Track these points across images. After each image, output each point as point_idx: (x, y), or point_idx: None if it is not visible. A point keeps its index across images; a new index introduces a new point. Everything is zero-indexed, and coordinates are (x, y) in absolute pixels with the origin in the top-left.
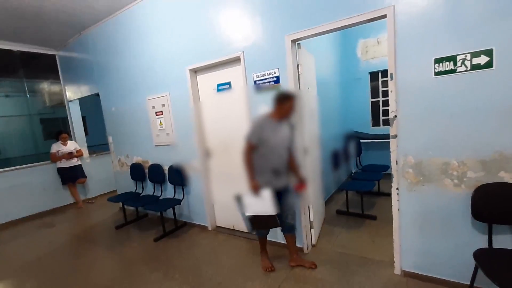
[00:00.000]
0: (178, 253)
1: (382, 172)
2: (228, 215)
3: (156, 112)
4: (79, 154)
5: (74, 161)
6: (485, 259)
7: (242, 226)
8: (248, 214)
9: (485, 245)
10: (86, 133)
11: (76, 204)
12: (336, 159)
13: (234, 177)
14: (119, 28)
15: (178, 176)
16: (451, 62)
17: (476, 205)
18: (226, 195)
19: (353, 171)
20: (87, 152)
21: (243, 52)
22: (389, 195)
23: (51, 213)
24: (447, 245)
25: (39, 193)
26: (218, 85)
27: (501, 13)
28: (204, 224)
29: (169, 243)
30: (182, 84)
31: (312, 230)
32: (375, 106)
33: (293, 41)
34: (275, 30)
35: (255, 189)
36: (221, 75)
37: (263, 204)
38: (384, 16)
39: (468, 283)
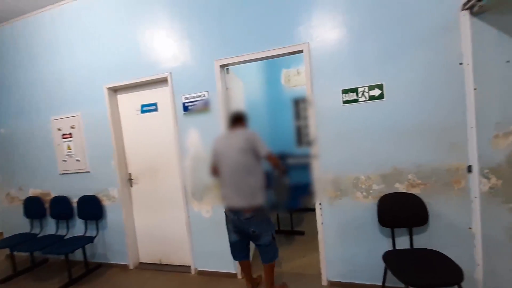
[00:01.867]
0: None
1: (307, 189)
2: (153, 248)
3: (63, 135)
4: None
5: None
6: (391, 260)
7: (170, 259)
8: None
9: (391, 248)
10: None
11: None
12: (267, 179)
13: (162, 204)
14: (17, 36)
15: (91, 209)
16: (354, 93)
17: (381, 213)
18: (153, 225)
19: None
20: None
21: (170, 73)
22: (314, 210)
23: None
24: (362, 251)
25: None
26: (143, 106)
27: (388, 57)
28: (124, 263)
29: None
30: (99, 103)
31: None
32: (299, 128)
33: (222, 66)
34: (204, 54)
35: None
36: (146, 96)
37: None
38: (301, 51)
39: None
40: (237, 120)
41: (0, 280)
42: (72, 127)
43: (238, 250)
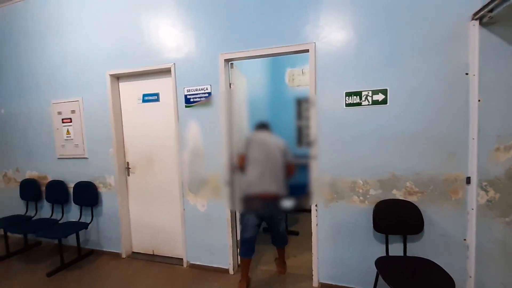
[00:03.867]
0: None
1: (304, 189)
2: (147, 239)
3: (63, 119)
4: None
5: None
6: (384, 266)
7: (163, 251)
8: None
9: (384, 254)
10: None
11: None
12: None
13: (158, 195)
14: (20, 16)
15: (86, 195)
16: (358, 97)
17: (376, 219)
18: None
19: None
20: None
21: (174, 64)
22: (310, 211)
23: None
24: (355, 255)
25: None
26: (144, 95)
27: (394, 62)
28: (116, 251)
29: (67, 277)
30: (101, 89)
31: (238, 249)
32: (300, 128)
33: (227, 60)
34: (209, 47)
35: None
36: (148, 85)
37: None
38: (307, 51)
39: None
40: (263, 126)
41: None
42: (73, 112)
43: (252, 246)
